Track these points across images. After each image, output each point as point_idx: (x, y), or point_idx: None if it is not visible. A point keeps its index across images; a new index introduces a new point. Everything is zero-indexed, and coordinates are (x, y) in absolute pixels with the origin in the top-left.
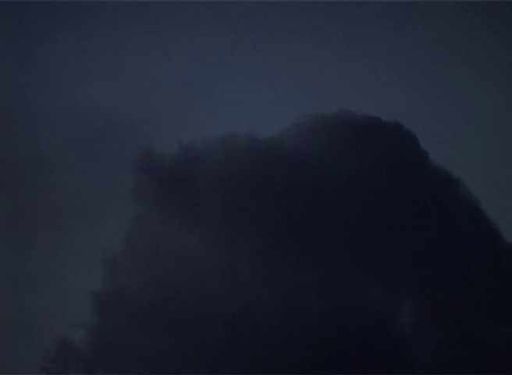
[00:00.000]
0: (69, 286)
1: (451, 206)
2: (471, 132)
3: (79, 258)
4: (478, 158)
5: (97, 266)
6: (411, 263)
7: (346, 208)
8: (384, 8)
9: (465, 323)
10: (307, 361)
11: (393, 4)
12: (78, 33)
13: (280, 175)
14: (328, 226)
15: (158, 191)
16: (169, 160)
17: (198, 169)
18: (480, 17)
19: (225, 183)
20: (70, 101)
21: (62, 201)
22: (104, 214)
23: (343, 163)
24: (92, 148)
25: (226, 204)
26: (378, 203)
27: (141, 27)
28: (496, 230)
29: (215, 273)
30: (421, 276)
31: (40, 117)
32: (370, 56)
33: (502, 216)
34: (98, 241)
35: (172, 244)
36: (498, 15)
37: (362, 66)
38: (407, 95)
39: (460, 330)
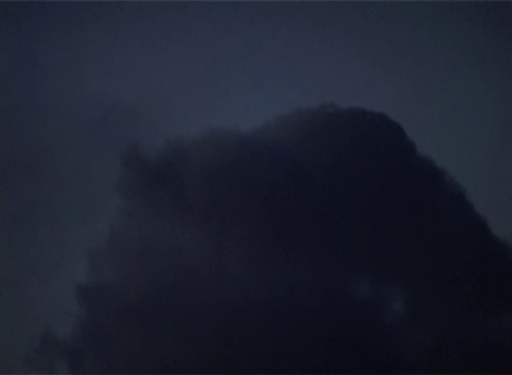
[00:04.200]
0: (55, 279)
1: (437, 196)
2: (460, 123)
3: (66, 251)
4: (466, 149)
5: (84, 259)
6: (400, 255)
7: (334, 201)
8: (365, 2)
9: (455, 316)
10: (297, 356)
11: None
12: (70, 29)
13: (266, 169)
14: (316, 218)
15: (144, 186)
16: (156, 155)
17: (184, 164)
18: (461, 11)
19: (212, 177)
20: (56, 95)
21: (49, 195)
22: (92, 207)
23: (329, 156)
24: (79, 143)
25: (213, 198)
26: (365, 195)
27: (127, 25)
28: (484, 220)
29: (203, 268)
30: (410, 269)
31: (25, 111)
32: (353, 48)
33: (489, 206)
34: (86, 234)
35: (159, 239)
36: (475, 10)
37: (346, 59)
38: (392, 87)
39: (450, 323)
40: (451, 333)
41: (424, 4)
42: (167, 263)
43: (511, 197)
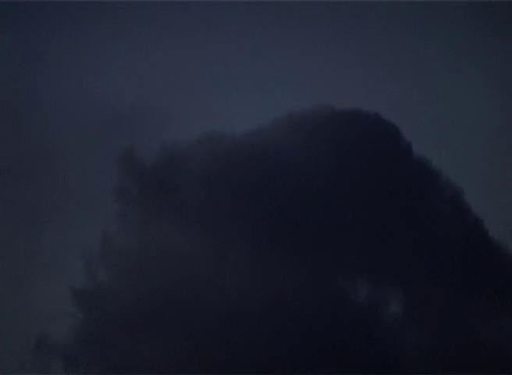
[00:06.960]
0: (51, 282)
1: (434, 197)
2: (457, 123)
3: (62, 254)
4: (463, 149)
5: (80, 262)
6: (396, 257)
7: (330, 203)
8: (360, 2)
9: (452, 317)
10: (294, 357)
11: None
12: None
13: (263, 172)
14: (313, 221)
15: (141, 189)
16: (152, 159)
17: (181, 168)
18: (458, 11)
19: (208, 181)
20: (52, 100)
21: (45, 198)
22: (88, 211)
23: (325, 158)
24: (76, 146)
25: (210, 202)
26: (362, 197)
27: (123, 29)
28: (481, 221)
29: (199, 272)
30: (407, 270)
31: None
32: (348, 49)
33: (485, 207)
34: (82, 237)
35: (155, 243)
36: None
37: (340, 60)
38: (387, 87)
39: (448, 325)
40: (449, 335)
41: (420, 4)
42: (163, 267)
43: (508, 198)
